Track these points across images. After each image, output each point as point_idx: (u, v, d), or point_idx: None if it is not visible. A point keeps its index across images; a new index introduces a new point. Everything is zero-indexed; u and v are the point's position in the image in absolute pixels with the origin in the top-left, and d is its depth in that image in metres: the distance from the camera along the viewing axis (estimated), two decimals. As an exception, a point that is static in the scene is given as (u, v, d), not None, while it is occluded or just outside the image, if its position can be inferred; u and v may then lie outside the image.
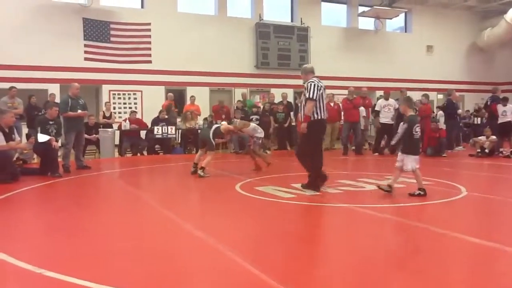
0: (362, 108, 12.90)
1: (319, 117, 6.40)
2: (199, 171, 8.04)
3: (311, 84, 6.38)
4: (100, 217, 5.27)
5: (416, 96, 13.41)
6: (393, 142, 7.24)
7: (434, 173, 8.24)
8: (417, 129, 6.09)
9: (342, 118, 13.23)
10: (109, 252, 3.78)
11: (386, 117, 12.28)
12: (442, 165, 9.79)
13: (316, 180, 6.50)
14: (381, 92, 15.07)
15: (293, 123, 13.64)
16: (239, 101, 14.46)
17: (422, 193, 5.97)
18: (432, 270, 3.26)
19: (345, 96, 12.98)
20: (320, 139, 6.71)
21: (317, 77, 6.60)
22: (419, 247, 3.95)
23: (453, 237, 4.09)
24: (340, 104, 14.01)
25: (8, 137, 7.69)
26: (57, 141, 8.49)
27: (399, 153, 6.24)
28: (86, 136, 11.51)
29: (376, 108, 12.64)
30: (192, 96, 14.64)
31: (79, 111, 9.07)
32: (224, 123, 9.18)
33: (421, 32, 21.10)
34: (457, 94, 14.40)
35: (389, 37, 20.81)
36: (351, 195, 6.36)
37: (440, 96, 20.09)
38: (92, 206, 5.92)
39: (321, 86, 6.45)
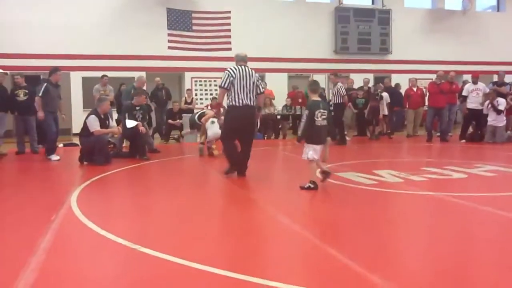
0: None
1: (236, 104, 6.38)
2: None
3: (225, 72, 6.52)
4: (186, 199, 5.49)
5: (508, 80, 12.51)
6: (299, 133, 6.22)
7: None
8: (320, 116, 5.50)
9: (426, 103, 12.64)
10: (197, 233, 3.93)
11: (474, 102, 11.55)
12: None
13: (231, 166, 6.64)
14: (467, 77, 14.25)
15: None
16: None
17: (312, 186, 5.45)
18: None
19: (431, 80, 12.38)
20: (236, 126, 6.54)
21: (243, 65, 6.61)
22: (506, 237, 3.71)
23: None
24: (424, 89, 13.44)
25: (103, 123, 8.23)
26: (143, 125, 8.95)
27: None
28: (170, 121, 12.04)
29: (464, 93, 11.93)
30: (264, 82, 14.70)
31: None
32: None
33: (515, 11, 19.53)
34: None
35: (479, 17, 19.48)
36: (438, 183, 6.10)
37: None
38: (177, 187, 6.18)
39: (239, 74, 6.42)
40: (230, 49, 15.49)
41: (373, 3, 18.62)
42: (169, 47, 15.25)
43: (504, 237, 3.81)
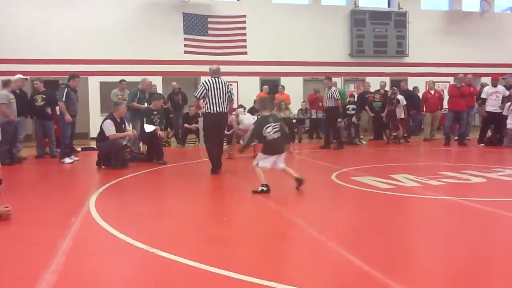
0: None
1: (211, 111, 7.24)
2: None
3: (200, 83, 7.56)
4: (203, 203, 5.54)
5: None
6: (243, 144, 6.82)
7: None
8: (269, 130, 5.67)
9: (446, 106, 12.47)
10: (214, 237, 3.96)
11: (493, 105, 11.38)
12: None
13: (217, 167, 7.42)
14: (485, 79, 14.06)
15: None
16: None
17: (265, 189, 5.57)
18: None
19: (449, 83, 12.25)
20: (211, 131, 7.41)
21: (217, 77, 7.41)
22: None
23: None
24: (442, 92, 13.30)
25: (119, 128, 8.33)
26: (161, 130, 9.03)
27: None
28: (186, 125, 12.11)
29: (483, 96, 11.77)
30: (281, 86, 14.78)
31: (146, 104, 9.54)
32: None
33: (535, 12, 19.25)
34: None
35: (497, 18, 19.23)
36: (456, 187, 6.03)
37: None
38: (195, 192, 6.22)
39: (212, 84, 7.24)
40: (245, 53, 15.55)
41: (389, 5, 18.51)
42: (185, 52, 15.35)
43: (524, 242, 3.75)
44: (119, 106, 8.61)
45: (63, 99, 8.82)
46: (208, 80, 7.34)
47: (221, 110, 7.28)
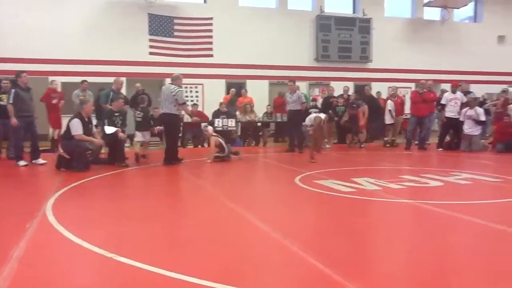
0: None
1: (161, 112, 9.02)
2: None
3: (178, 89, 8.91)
4: (166, 206, 5.47)
5: (483, 89, 12.79)
6: None
7: (504, 170, 7.85)
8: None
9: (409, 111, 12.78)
10: (176, 240, 3.92)
11: (452, 111, 11.77)
12: (513, 162, 9.29)
13: (168, 158, 8.86)
14: (445, 86, 14.51)
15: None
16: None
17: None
18: (499, 272, 3.13)
19: (412, 89, 12.58)
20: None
21: (170, 82, 9.08)
22: (484, 246, 3.79)
23: (525, 238, 3.90)
24: (403, 97, 13.62)
25: (86, 127, 8.15)
26: (123, 131, 8.89)
27: None
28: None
29: (442, 102, 12.14)
30: (244, 90, 14.85)
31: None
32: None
33: (492, 22, 19.98)
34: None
35: (457, 27, 19.90)
36: (415, 190, 6.19)
37: (512, 89, 18.96)
38: (158, 195, 6.15)
39: (164, 90, 8.89)
40: (211, 55, 15.51)
41: (354, 12, 18.86)
42: (150, 53, 15.17)
43: (478, 244, 3.88)
44: (85, 104, 8.46)
45: (11, 101, 8.55)
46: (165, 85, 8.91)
47: (166, 111, 8.82)
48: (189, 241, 3.89)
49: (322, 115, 9.50)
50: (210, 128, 10.15)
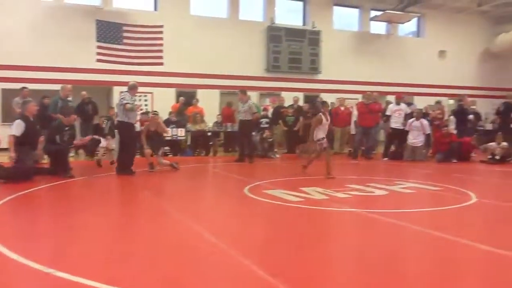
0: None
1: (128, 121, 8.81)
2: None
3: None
4: (110, 219, 5.31)
5: (425, 101, 13.34)
6: None
7: (444, 179, 8.19)
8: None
9: (354, 122, 13.11)
10: (119, 254, 3.80)
11: (396, 122, 12.22)
12: (452, 171, 9.72)
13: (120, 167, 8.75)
14: (390, 97, 15.01)
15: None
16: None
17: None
18: (440, 277, 3.24)
19: (359, 100, 12.94)
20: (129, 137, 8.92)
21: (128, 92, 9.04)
22: (426, 253, 3.93)
23: (463, 244, 4.07)
24: (351, 108, 13.98)
25: (32, 128, 7.84)
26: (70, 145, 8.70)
27: None
28: (95, 137, 11.51)
29: (387, 113, 12.58)
30: (195, 99, 14.78)
31: None
32: None
33: (433, 37, 20.95)
34: (469, 99, 14.29)
35: (401, 41, 20.71)
36: (360, 199, 6.34)
37: (451, 102, 19.91)
38: (102, 207, 5.96)
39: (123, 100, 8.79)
40: (162, 64, 15.32)
41: (304, 24, 19.22)
42: (98, 60, 14.79)
43: (419, 250, 4.02)
44: (28, 103, 8.13)
45: None
46: (127, 95, 8.86)
47: (118, 119, 9.03)
48: (134, 254, 3.79)
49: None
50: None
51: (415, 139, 11.79)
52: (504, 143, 11.31)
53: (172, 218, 5.22)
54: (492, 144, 11.57)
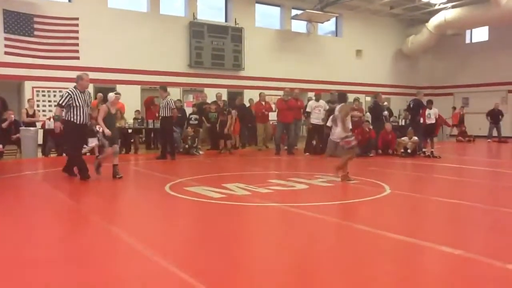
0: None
1: (71, 120, 7.68)
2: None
3: (65, 92, 7.99)
4: (20, 222, 4.93)
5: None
6: None
7: (361, 172, 8.54)
8: None
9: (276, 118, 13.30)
10: (31, 259, 3.53)
11: (316, 118, 12.57)
12: (368, 164, 10.17)
13: (69, 169, 7.98)
14: (311, 94, 15.43)
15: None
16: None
17: None
18: (356, 266, 3.35)
19: (279, 97, 13.15)
20: (71, 138, 7.92)
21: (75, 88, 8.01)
22: (342, 243, 4.06)
23: (376, 234, 4.24)
24: (272, 105, 14.19)
25: None
26: None
27: None
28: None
29: (307, 109, 12.90)
30: (116, 93, 14.22)
31: None
32: None
33: (351, 37, 21.86)
34: (383, 96, 15.02)
35: (320, 40, 21.35)
36: (282, 194, 6.42)
37: (368, 99, 20.90)
38: (11, 210, 5.54)
39: (77, 95, 7.84)
40: (78, 57, 14.65)
41: (226, 20, 19.20)
42: (6, 53, 13.81)
43: (337, 241, 4.13)
44: None
45: None
46: (74, 89, 7.85)
47: (82, 121, 7.86)
48: (42, 260, 3.54)
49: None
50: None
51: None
52: (415, 138, 12.02)
53: (87, 219, 4.97)
54: (405, 138, 12.26)
